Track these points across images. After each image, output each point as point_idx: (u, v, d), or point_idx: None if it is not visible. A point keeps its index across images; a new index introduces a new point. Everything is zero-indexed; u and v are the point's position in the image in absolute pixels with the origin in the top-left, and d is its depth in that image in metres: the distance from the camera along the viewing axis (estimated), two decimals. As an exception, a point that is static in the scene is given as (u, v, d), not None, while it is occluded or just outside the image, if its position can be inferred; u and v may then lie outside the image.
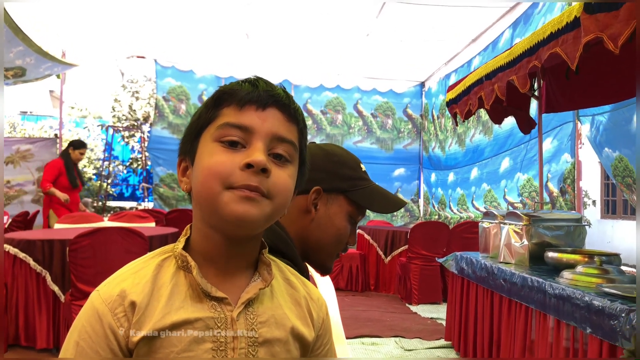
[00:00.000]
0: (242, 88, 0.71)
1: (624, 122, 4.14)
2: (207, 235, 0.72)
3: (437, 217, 8.33)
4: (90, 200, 10.28)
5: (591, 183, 8.82)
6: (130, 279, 0.70)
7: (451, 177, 7.91)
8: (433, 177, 8.73)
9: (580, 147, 4.77)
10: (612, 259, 2.54)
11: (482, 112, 6.10)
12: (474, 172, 7.03)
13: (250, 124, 0.69)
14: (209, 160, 0.69)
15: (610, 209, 8.97)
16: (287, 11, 6.22)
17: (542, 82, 3.67)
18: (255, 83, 0.72)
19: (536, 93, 3.78)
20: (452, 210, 7.77)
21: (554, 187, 5.01)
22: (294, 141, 0.74)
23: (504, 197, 6.08)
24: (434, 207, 8.69)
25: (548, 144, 5.09)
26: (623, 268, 2.41)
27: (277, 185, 0.69)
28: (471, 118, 5.78)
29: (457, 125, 5.03)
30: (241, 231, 0.70)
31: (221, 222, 0.69)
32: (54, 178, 5.56)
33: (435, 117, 8.58)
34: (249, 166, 0.67)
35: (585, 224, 3.07)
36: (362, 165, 1.16)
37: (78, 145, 5.86)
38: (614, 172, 4.41)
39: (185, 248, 0.74)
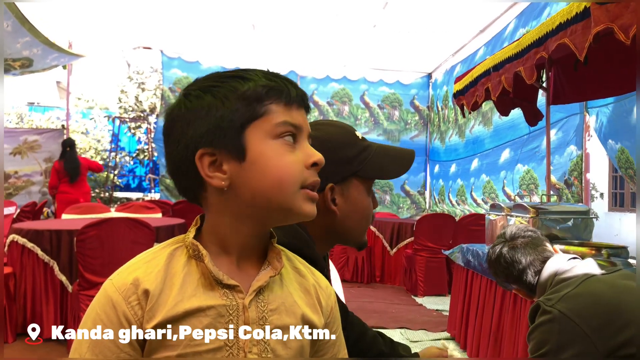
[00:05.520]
0: (285, 86, 0.73)
1: (625, 114, 4.11)
2: (237, 229, 0.73)
3: (436, 209, 8.33)
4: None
5: (599, 175, 8.76)
6: (143, 267, 0.71)
7: (453, 168, 7.89)
8: (437, 168, 8.72)
9: (589, 139, 4.73)
10: (620, 251, 2.53)
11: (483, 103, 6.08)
12: (474, 163, 7.00)
13: (299, 122, 0.74)
14: (280, 160, 0.71)
15: (618, 202, 8.91)
16: (294, 2, 6.19)
17: (549, 73, 3.64)
18: (291, 82, 0.75)
19: (544, 84, 3.75)
20: (450, 202, 7.75)
21: (555, 180, 4.97)
22: None
23: (502, 188, 6.06)
24: (434, 199, 8.68)
25: (552, 136, 5.05)
26: (631, 261, 2.40)
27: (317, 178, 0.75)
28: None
29: (464, 116, 5.00)
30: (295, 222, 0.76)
31: (297, 217, 0.73)
32: None
33: (440, 108, 8.55)
34: (314, 165, 0.73)
35: (593, 216, 3.05)
36: (357, 133, 1.09)
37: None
38: (618, 164, 4.38)
39: (195, 238, 0.74)
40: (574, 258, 1.49)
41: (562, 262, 1.47)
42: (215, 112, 0.71)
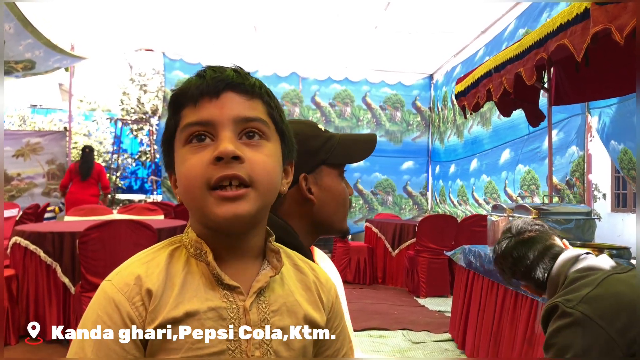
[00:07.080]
0: (191, 84, 0.70)
1: (629, 115, 4.10)
2: (207, 235, 0.72)
3: (438, 210, 8.31)
4: None
5: (601, 176, 8.74)
6: (144, 267, 0.69)
7: (452, 168, 7.89)
8: (437, 169, 8.71)
9: (591, 140, 4.72)
10: (622, 252, 2.52)
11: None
12: (474, 164, 6.98)
13: (208, 117, 0.68)
14: (182, 167, 0.69)
15: (621, 202, 8.89)
16: (296, 4, 6.20)
17: (551, 74, 3.64)
18: (203, 74, 0.70)
19: (546, 85, 3.75)
20: (452, 203, 7.73)
21: (557, 181, 4.96)
22: (260, 117, 0.71)
23: (504, 189, 6.04)
24: (435, 199, 8.67)
25: (554, 137, 5.03)
26: (633, 262, 2.39)
27: (255, 169, 0.68)
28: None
29: (465, 117, 5.00)
30: (237, 228, 0.69)
31: (215, 224, 0.68)
32: None
33: (440, 109, 8.55)
34: (218, 159, 0.66)
35: (595, 217, 3.04)
36: (320, 126, 1.14)
37: None
38: (621, 165, 4.37)
39: None
40: (588, 253, 1.41)
41: (574, 257, 1.39)
42: (162, 137, 0.75)
